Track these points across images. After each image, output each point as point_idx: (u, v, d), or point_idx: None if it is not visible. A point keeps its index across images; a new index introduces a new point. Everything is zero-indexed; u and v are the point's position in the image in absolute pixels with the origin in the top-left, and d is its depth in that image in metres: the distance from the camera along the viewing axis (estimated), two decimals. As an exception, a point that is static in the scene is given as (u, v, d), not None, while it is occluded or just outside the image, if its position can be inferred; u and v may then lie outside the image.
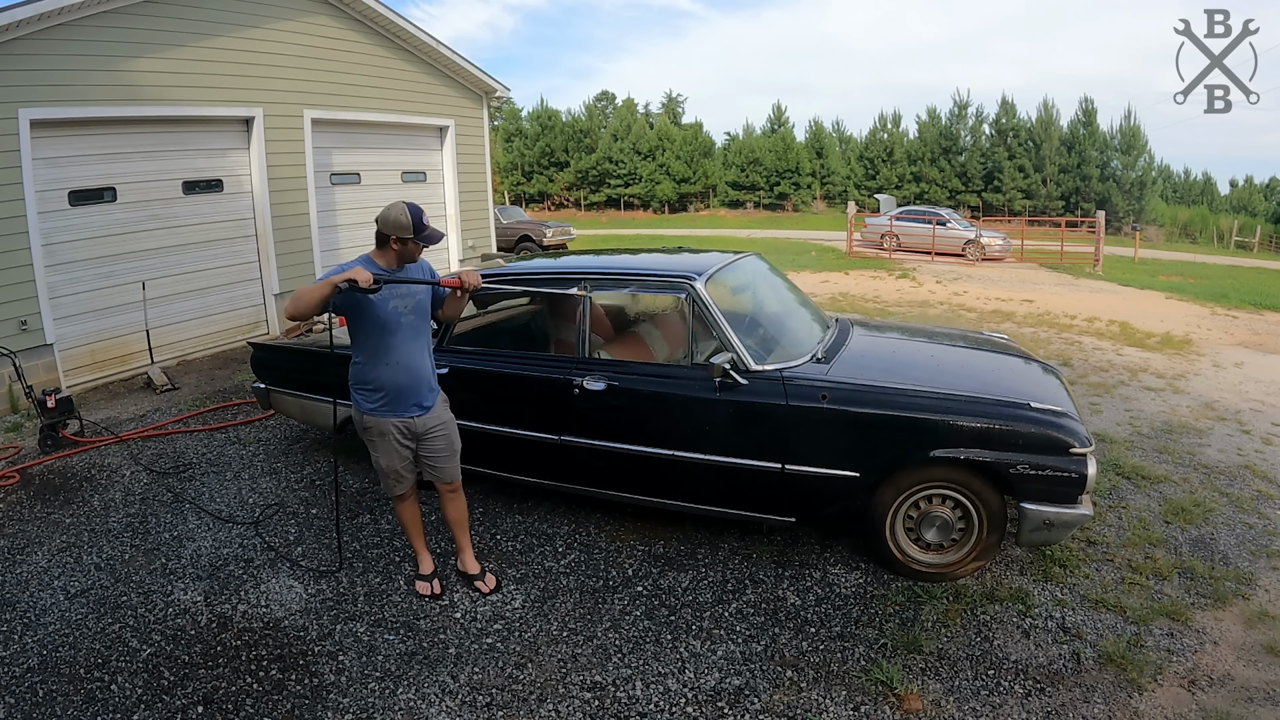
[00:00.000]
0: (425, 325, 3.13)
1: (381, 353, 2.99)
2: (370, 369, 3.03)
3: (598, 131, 40.36)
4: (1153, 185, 30.54)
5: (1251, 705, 2.57)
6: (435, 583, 3.36)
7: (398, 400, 3.05)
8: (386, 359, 2.99)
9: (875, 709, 2.60)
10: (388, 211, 2.90)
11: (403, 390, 3.04)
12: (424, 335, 3.12)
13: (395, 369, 3.00)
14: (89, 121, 6.58)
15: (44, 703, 2.71)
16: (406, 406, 3.08)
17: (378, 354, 3.00)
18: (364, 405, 3.09)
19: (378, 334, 2.97)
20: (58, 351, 6.45)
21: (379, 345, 2.98)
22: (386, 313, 2.95)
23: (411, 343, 3.04)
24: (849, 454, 3.22)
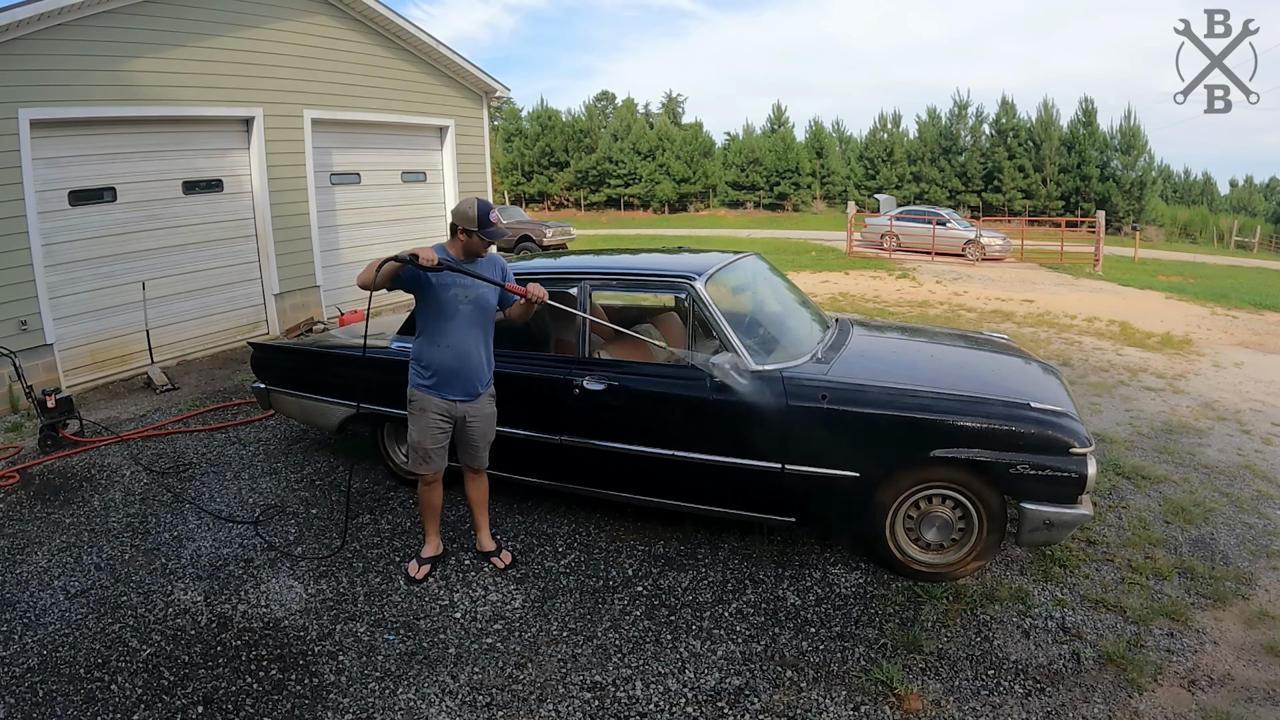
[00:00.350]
0: (484, 318, 3.27)
1: (437, 335, 3.20)
2: (426, 349, 3.23)
3: (598, 131, 40.37)
4: (1153, 185, 30.53)
5: (1251, 705, 2.57)
6: (427, 569, 3.45)
7: (445, 383, 3.23)
8: (439, 341, 3.19)
9: (875, 709, 2.60)
10: (460, 203, 3.16)
11: (451, 373, 3.21)
12: (480, 327, 3.26)
13: (446, 352, 3.19)
14: (89, 121, 6.58)
15: (44, 703, 2.71)
16: (453, 389, 3.25)
17: (433, 336, 3.21)
18: (415, 380, 3.29)
19: (435, 317, 3.19)
20: (58, 351, 6.44)
21: (435, 328, 3.19)
22: (446, 298, 3.15)
23: (466, 330, 3.20)
24: (849, 454, 3.22)
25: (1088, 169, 29.90)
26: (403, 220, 10.35)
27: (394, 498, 4.32)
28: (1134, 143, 29.74)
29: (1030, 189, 30.74)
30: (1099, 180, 29.80)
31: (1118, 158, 29.96)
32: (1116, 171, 29.86)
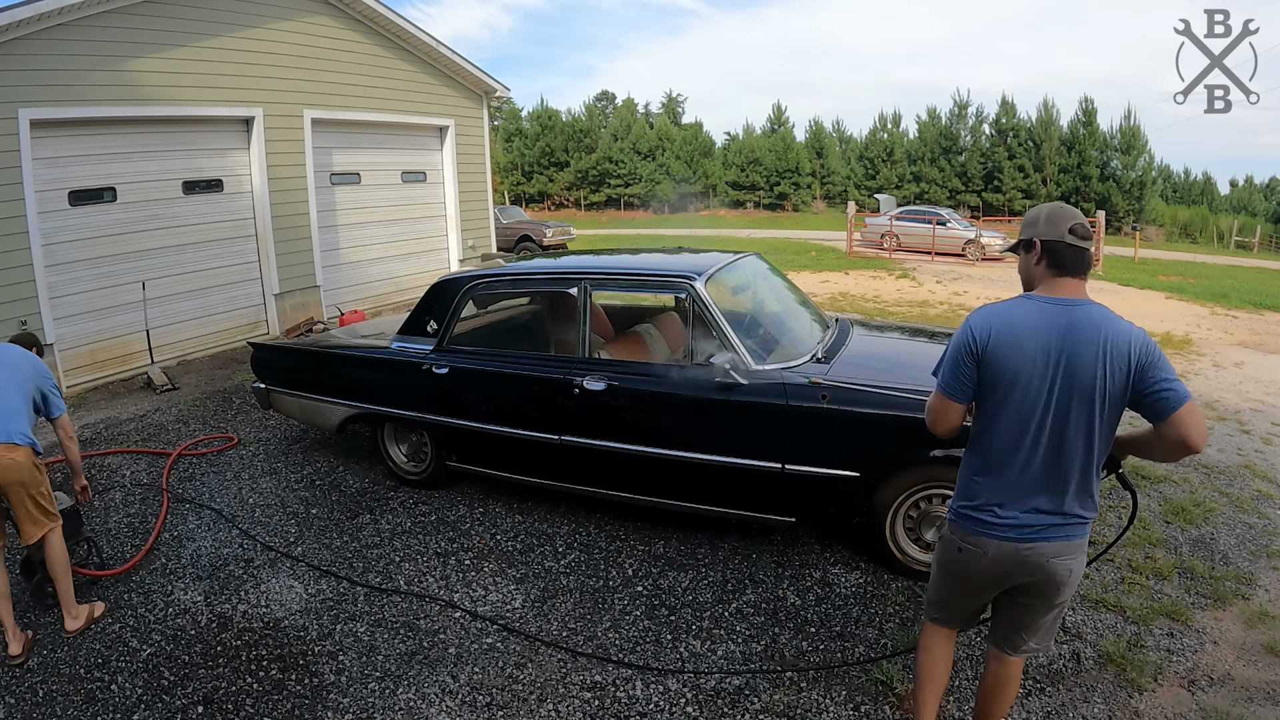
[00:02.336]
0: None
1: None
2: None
3: (598, 131, 40.37)
4: (1153, 185, 30.52)
5: (1251, 705, 2.57)
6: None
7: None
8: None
9: (875, 709, 2.60)
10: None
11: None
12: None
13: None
14: (89, 121, 6.58)
15: (44, 703, 2.71)
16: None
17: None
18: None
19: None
20: (58, 351, 6.44)
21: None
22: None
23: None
24: (849, 454, 3.22)
25: (1088, 169, 29.89)
26: (403, 220, 10.36)
27: (394, 498, 4.32)
28: (1134, 143, 29.73)
29: (1030, 189, 30.73)
30: (1099, 180, 29.80)
31: (1118, 158, 29.95)
32: (1116, 171, 29.86)
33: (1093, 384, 1.80)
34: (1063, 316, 1.83)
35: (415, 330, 4.23)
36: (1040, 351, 1.83)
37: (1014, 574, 1.95)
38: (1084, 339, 1.80)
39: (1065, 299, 1.86)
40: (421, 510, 4.16)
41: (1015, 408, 1.87)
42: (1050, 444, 1.86)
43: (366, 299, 9.64)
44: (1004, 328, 1.87)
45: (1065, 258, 1.88)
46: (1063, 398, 1.83)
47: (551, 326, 4.91)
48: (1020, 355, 1.84)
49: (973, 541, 1.98)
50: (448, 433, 4.14)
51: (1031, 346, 1.84)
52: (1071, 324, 1.82)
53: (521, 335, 4.83)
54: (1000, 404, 1.90)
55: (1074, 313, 1.84)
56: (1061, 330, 1.82)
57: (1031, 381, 1.84)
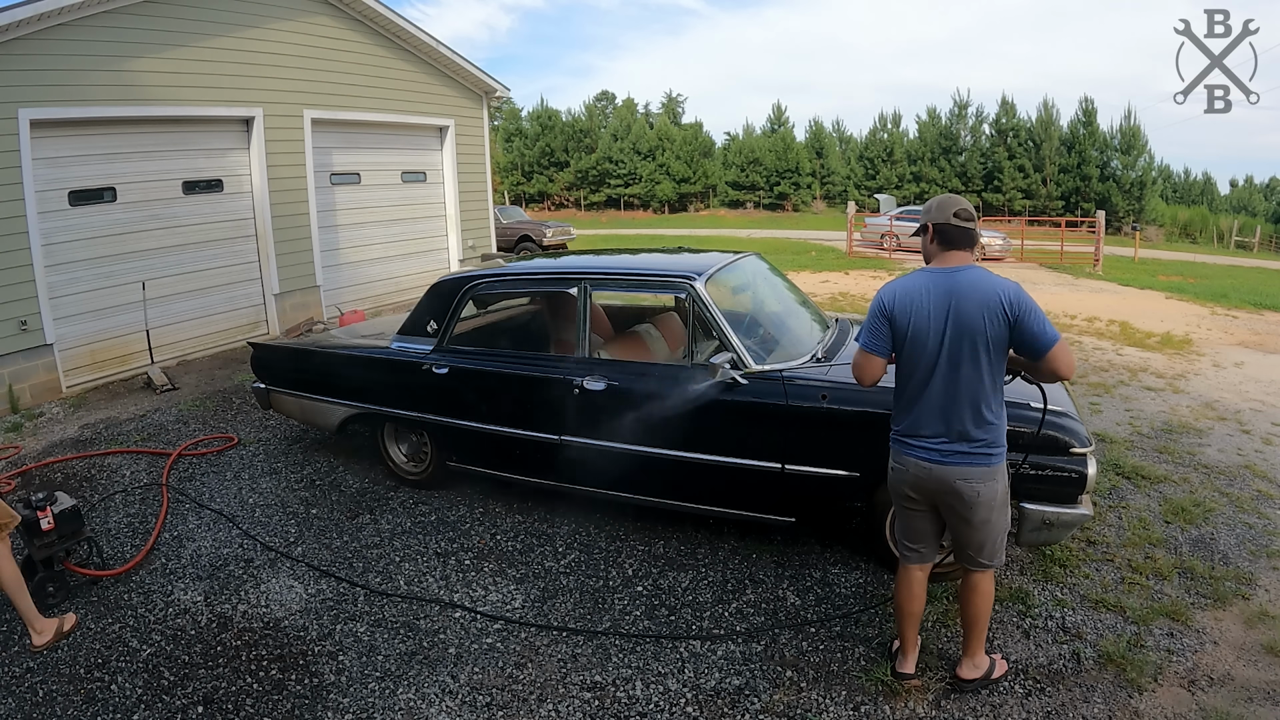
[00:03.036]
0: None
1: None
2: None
3: (598, 131, 40.37)
4: (1153, 185, 30.52)
5: (1251, 705, 2.57)
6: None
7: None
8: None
9: (875, 709, 2.60)
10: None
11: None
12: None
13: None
14: (89, 121, 6.58)
15: (44, 703, 2.71)
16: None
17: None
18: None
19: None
20: (58, 352, 6.45)
21: None
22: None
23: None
24: (849, 454, 3.22)
25: (1088, 169, 29.89)
26: (403, 220, 10.36)
27: (394, 498, 4.32)
28: (1134, 143, 29.73)
29: (1030, 189, 30.74)
30: (1099, 180, 29.80)
31: (1118, 158, 29.95)
32: (1116, 171, 29.86)
33: (976, 331, 2.28)
34: (948, 280, 2.34)
35: (415, 330, 4.23)
36: (932, 309, 2.34)
37: (933, 491, 2.44)
38: (966, 296, 2.30)
39: (951, 268, 2.37)
40: (421, 510, 4.16)
41: (918, 354, 2.37)
42: (946, 381, 2.34)
43: (366, 299, 9.64)
44: (903, 293, 2.40)
45: (951, 235, 2.39)
46: (954, 344, 2.32)
47: (551, 326, 4.91)
48: (916, 313, 2.36)
49: (899, 460, 2.51)
50: (448, 433, 4.14)
51: (924, 305, 2.35)
52: (955, 285, 2.33)
53: (521, 335, 4.83)
54: (907, 352, 2.41)
55: (958, 276, 2.34)
56: (947, 290, 2.32)
57: (928, 333, 2.34)
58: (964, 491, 2.37)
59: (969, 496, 2.37)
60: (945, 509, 2.46)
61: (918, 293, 2.37)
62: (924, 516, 2.55)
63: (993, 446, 2.37)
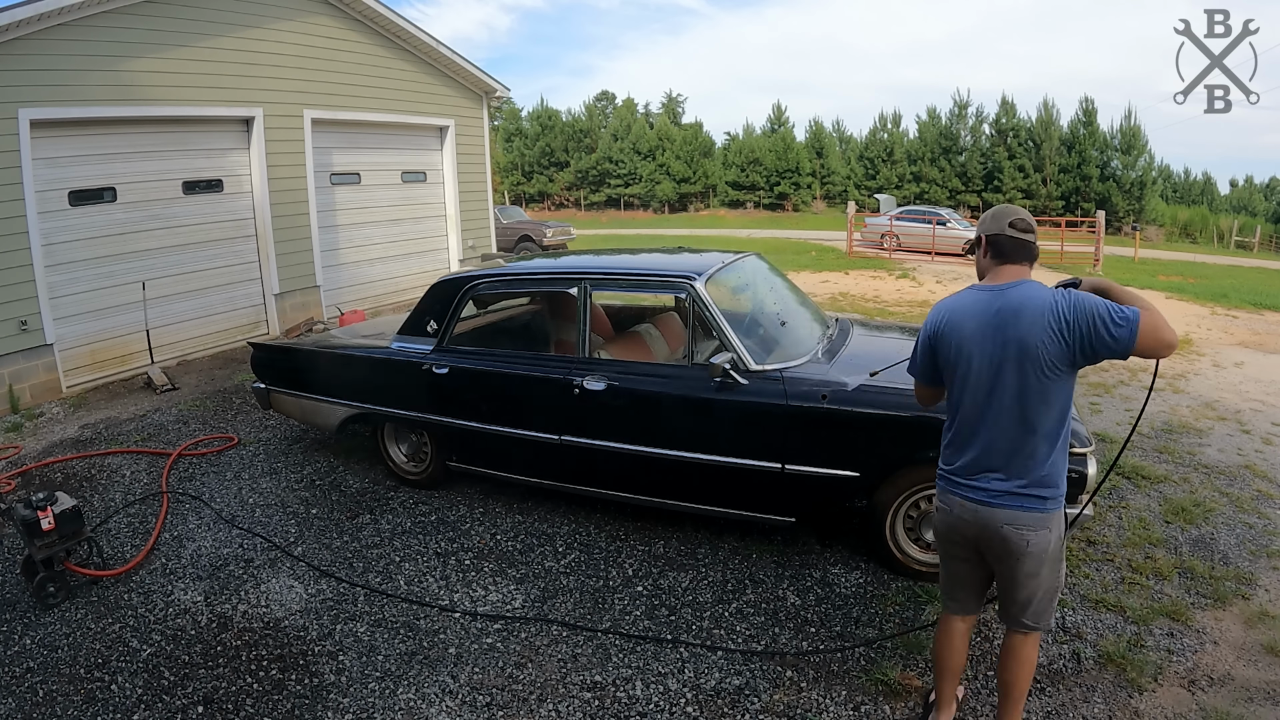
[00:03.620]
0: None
1: None
2: None
3: (598, 131, 40.37)
4: (1153, 185, 30.50)
5: (1251, 705, 2.57)
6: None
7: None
8: None
9: (875, 709, 2.60)
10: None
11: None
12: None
13: None
14: (89, 121, 6.58)
15: (44, 703, 2.71)
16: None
17: None
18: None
19: None
20: (58, 352, 6.45)
21: None
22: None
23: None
24: (849, 454, 3.22)
25: (1088, 169, 29.88)
26: (403, 220, 10.36)
27: (394, 498, 4.32)
28: (1134, 143, 29.72)
29: (1030, 189, 30.72)
30: (1099, 180, 29.79)
31: (1118, 158, 29.94)
32: (1116, 171, 29.84)
33: (1030, 353, 1.97)
34: (998, 299, 2.05)
35: (415, 330, 4.23)
36: (979, 331, 2.05)
37: (977, 537, 2.14)
38: (1017, 314, 2.00)
39: (1002, 284, 2.08)
40: (421, 510, 4.16)
41: (965, 382, 2.10)
42: (997, 412, 2.05)
43: (366, 299, 9.64)
44: (949, 315, 2.14)
45: (1005, 247, 2.11)
46: (1005, 370, 2.01)
47: (551, 326, 4.91)
48: (961, 337, 2.09)
49: (944, 500, 2.22)
50: (448, 433, 4.14)
51: (971, 329, 2.07)
52: (1005, 304, 2.03)
53: (521, 335, 4.83)
54: (954, 381, 2.14)
55: (1008, 294, 2.04)
56: (995, 310, 2.03)
57: (974, 358, 2.06)
58: (1012, 539, 2.06)
59: (1017, 546, 2.06)
60: (991, 557, 2.16)
61: (964, 314, 2.10)
62: (968, 564, 2.26)
63: (1049, 489, 2.05)
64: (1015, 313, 1.99)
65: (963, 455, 2.14)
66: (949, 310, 2.15)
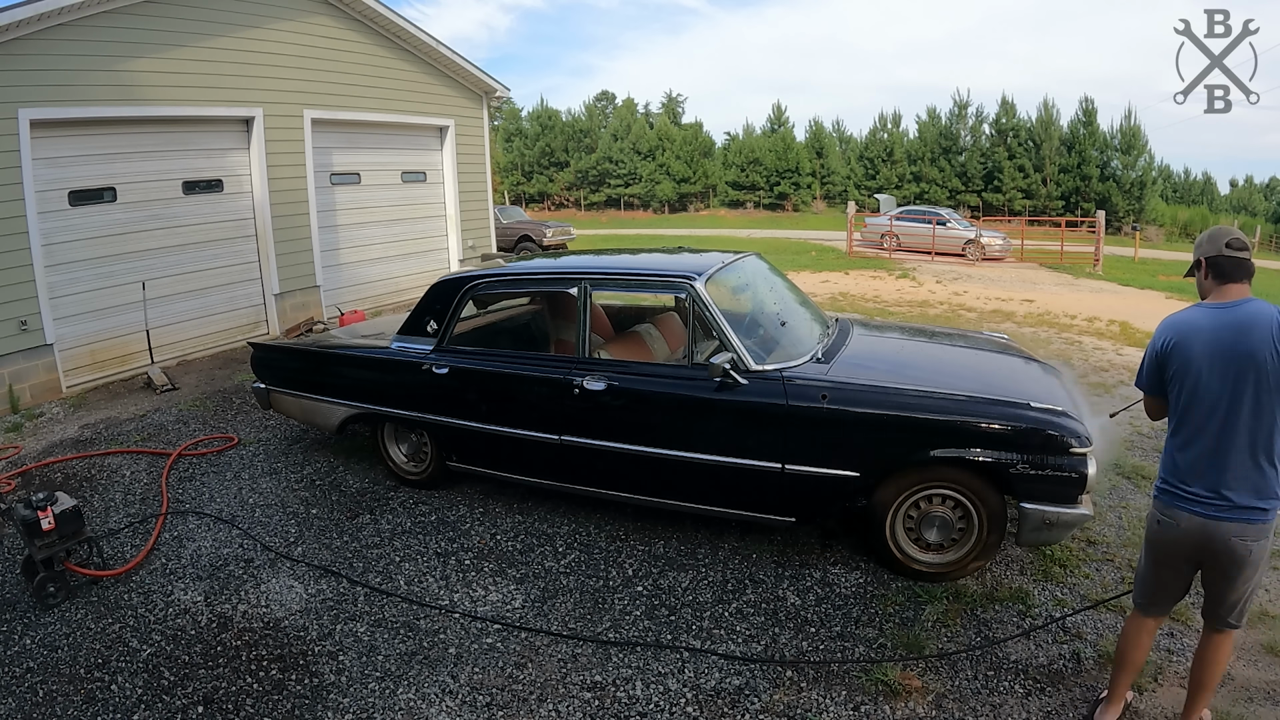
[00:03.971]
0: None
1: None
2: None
3: (598, 131, 40.36)
4: (1153, 185, 30.49)
5: (1251, 705, 2.57)
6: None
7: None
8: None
9: (875, 709, 2.60)
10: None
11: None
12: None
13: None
14: (89, 121, 6.58)
15: (44, 703, 2.71)
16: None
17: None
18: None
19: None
20: (58, 352, 6.44)
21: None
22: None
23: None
24: (849, 454, 3.22)
25: (1088, 169, 29.87)
26: (403, 220, 10.36)
27: (394, 498, 4.32)
28: (1134, 143, 29.71)
29: (1030, 189, 30.72)
30: (1099, 180, 29.78)
31: (1118, 158, 29.93)
32: (1116, 171, 29.83)
33: (1261, 369, 2.05)
34: (1227, 315, 2.12)
35: (415, 330, 4.23)
36: (1209, 347, 2.12)
37: (1203, 548, 2.18)
38: (1248, 331, 2.08)
39: (1229, 301, 2.15)
40: (421, 510, 4.16)
41: (1194, 396, 2.15)
42: (1226, 426, 2.10)
43: (366, 299, 9.64)
44: (1178, 332, 2.20)
45: (1225, 267, 2.18)
46: (1235, 385, 2.08)
47: (551, 326, 4.92)
48: (1190, 352, 2.15)
49: (1170, 514, 2.23)
50: (448, 433, 4.14)
51: (1200, 344, 2.14)
52: (1236, 320, 2.10)
53: (521, 335, 4.83)
54: (1182, 395, 2.19)
55: (1237, 311, 2.12)
56: (1227, 327, 2.11)
57: (1201, 375, 2.13)
58: (1238, 550, 2.13)
59: (1241, 555, 2.14)
60: (1210, 566, 2.23)
61: (1195, 330, 2.16)
62: (1179, 574, 2.31)
63: (1271, 500, 2.12)
64: (1247, 329, 2.08)
65: (1189, 468, 2.18)
66: (1178, 327, 2.21)
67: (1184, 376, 2.17)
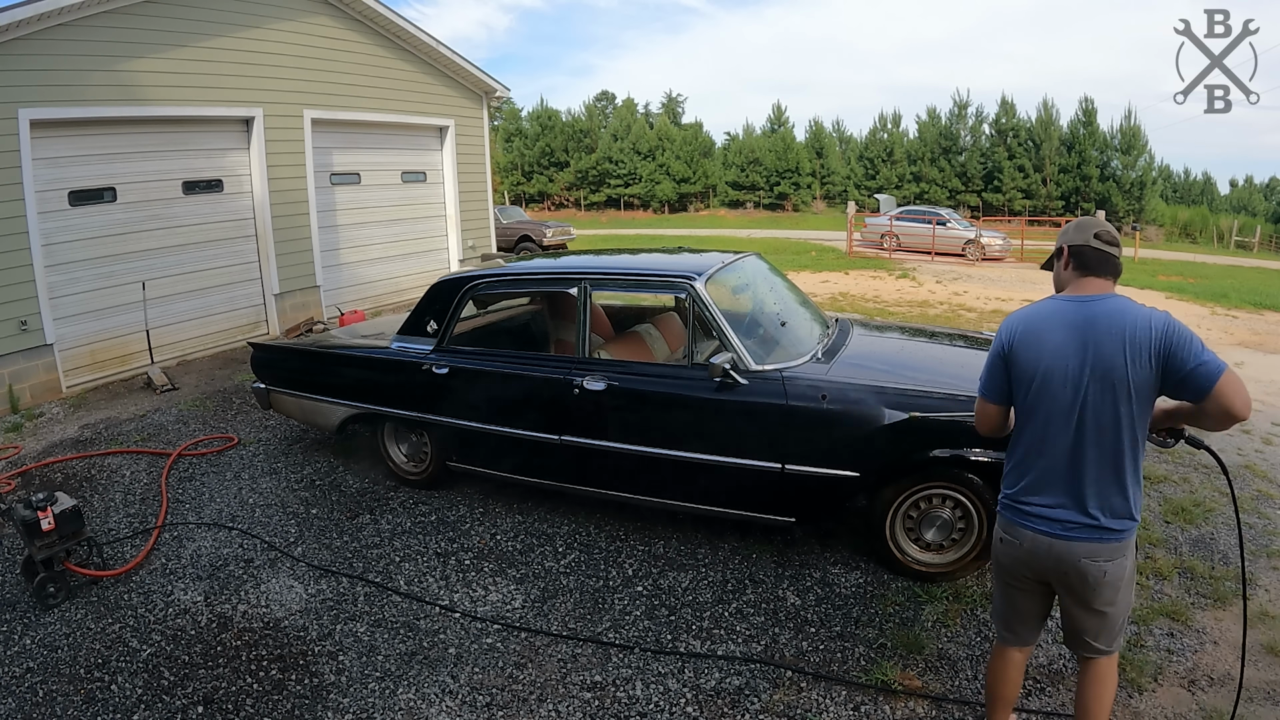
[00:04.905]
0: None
1: None
2: None
3: (598, 131, 40.36)
4: (1153, 185, 30.49)
5: (1252, 705, 2.57)
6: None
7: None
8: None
9: (875, 709, 2.60)
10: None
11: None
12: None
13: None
14: (89, 121, 6.58)
15: (44, 703, 2.71)
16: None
17: None
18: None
19: None
20: (58, 352, 6.44)
21: None
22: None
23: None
24: (849, 454, 3.22)
25: (1088, 169, 29.88)
26: (403, 220, 10.36)
27: (394, 498, 4.32)
28: (1134, 143, 29.72)
29: (1030, 189, 30.73)
30: (1099, 180, 29.78)
31: (1118, 158, 29.94)
32: (1116, 171, 29.84)
33: (1116, 373, 1.83)
34: (1082, 311, 1.90)
35: (415, 330, 4.23)
36: (1061, 347, 1.89)
37: (1050, 569, 1.99)
38: (1104, 331, 1.85)
39: (1086, 295, 1.93)
40: (421, 510, 4.16)
41: (1042, 402, 1.93)
42: (1076, 436, 1.89)
43: (366, 299, 9.64)
44: (1025, 327, 1.97)
45: (1090, 259, 1.96)
46: (1087, 390, 1.86)
47: (551, 326, 4.92)
48: (1040, 351, 1.92)
49: (1011, 532, 2.05)
50: (448, 433, 4.14)
51: (1051, 343, 1.91)
52: (1091, 317, 1.88)
53: (521, 335, 4.83)
54: (1028, 399, 1.96)
55: (1094, 306, 1.89)
56: (1081, 324, 1.88)
57: (1052, 377, 1.90)
58: (1089, 572, 1.92)
59: (1094, 578, 1.93)
60: (1063, 590, 2.02)
61: (1044, 325, 1.93)
62: (1033, 597, 2.11)
63: (1127, 520, 1.91)
64: (1103, 327, 1.85)
65: (1033, 481, 1.98)
66: (1025, 320, 1.99)
67: (1030, 378, 1.94)
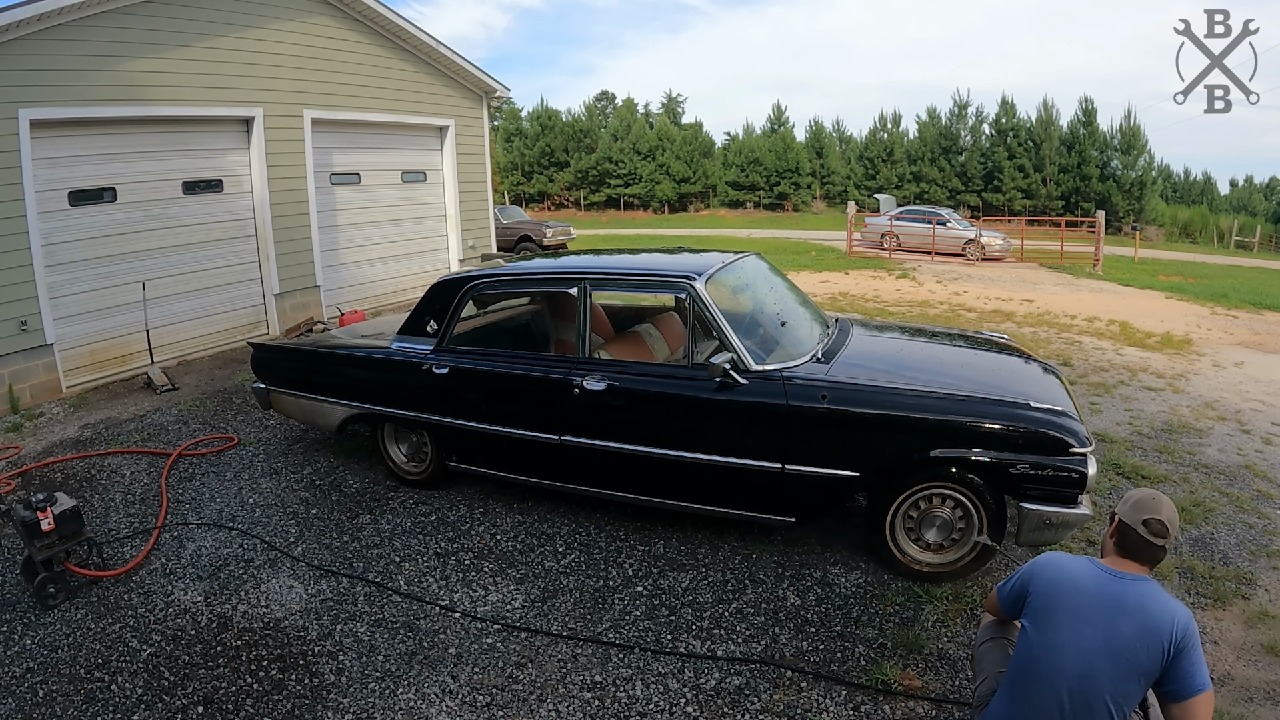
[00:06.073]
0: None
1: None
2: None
3: (598, 131, 40.36)
4: (1153, 185, 30.49)
5: (1251, 705, 2.57)
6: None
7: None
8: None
9: (875, 709, 2.60)
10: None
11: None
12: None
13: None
14: (89, 121, 6.58)
15: (44, 703, 2.71)
16: None
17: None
18: None
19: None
20: (58, 352, 6.44)
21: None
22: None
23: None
24: (849, 454, 3.22)
25: (1088, 169, 29.88)
26: (403, 220, 10.36)
27: (394, 498, 4.32)
28: (1134, 142, 29.71)
29: (1030, 189, 30.73)
30: (1099, 180, 29.79)
31: (1118, 158, 29.94)
32: (1116, 171, 29.84)
33: (1127, 656, 1.82)
34: (1113, 585, 1.90)
35: (415, 330, 4.23)
36: (1084, 609, 1.89)
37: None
38: (1130, 612, 1.85)
39: (1123, 573, 1.92)
40: (421, 510, 4.16)
41: (1046, 649, 1.90)
42: (1072, 701, 1.85)
43: (366, 299, 9.64)
44: (1059, 573, 1.98)
45: (1132, 544, 1.95)
46: (1096, 662, 1.85)
47: (551, 326, 4.92)
48: (1063, 603, 1.92)
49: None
50: (448, 433, 4.14)
51: (1075, 600, 1.91)
52: (1120, 595, 1.88)
53: (521, 335, 4.83)
54: (1034, 638, 1.93)
55: (1124, 584, 1.90)
56: (1109, 597, 1.88)
57: (1066, 631, 1.89)
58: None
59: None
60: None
61: (1074, 583, 1.94)
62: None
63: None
64: (1131, 610, 1.86)
65: (1013, 716, 1.95)
66: (1061, 569, 2.00)
67: (1042, 624, 1.93)
